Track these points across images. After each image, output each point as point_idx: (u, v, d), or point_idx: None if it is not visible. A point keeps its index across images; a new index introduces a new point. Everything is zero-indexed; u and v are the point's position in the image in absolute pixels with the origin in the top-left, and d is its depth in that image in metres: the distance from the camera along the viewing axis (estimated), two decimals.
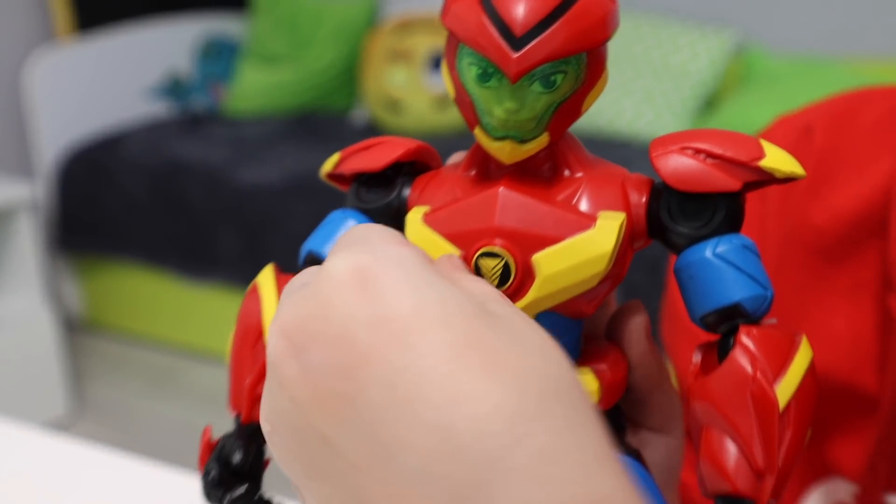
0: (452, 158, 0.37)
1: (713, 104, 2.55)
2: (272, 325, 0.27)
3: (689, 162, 0.33)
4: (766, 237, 0.54)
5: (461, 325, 0.25)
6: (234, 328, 0.37)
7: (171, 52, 2.87)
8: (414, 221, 0.34)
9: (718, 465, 0.31)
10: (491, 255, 0.33)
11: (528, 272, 0.33)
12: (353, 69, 2.84)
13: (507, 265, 0.33)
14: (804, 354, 0.32)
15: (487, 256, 0.33)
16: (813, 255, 0.52)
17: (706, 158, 0.33)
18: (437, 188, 0.36)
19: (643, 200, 0.34)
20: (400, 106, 2.64)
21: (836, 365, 0.51)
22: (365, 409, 0.24)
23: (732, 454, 0.31)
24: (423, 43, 2.65)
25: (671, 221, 0.34)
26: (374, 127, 2.69)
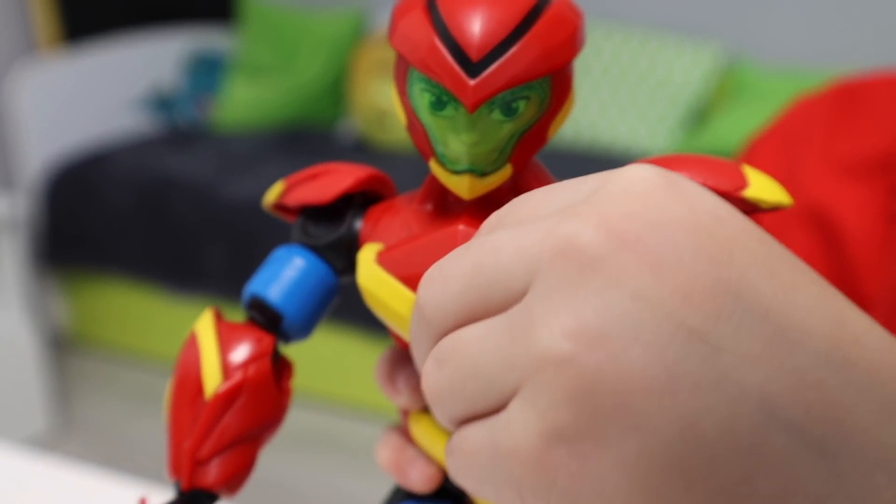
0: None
1: (704, 117, 2.54)
2: (556, 230, 0.23)
3: None
4: None
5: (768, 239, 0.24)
6: (170, 380, 0.34)
7: (156, 65, 2.84)
8: (366, 262, 0.31)
9: None
10: None
11: None
12: (340, 82, 2.82)
13: None
14: None
15: None
16: None
17: None
18: (390, 221, 0.33)
19: None
20: (388, 118, 2.61)
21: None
22: (749, 295, 0.22)
23: None
24: None
25: None
26: (362, 140, 2.67)
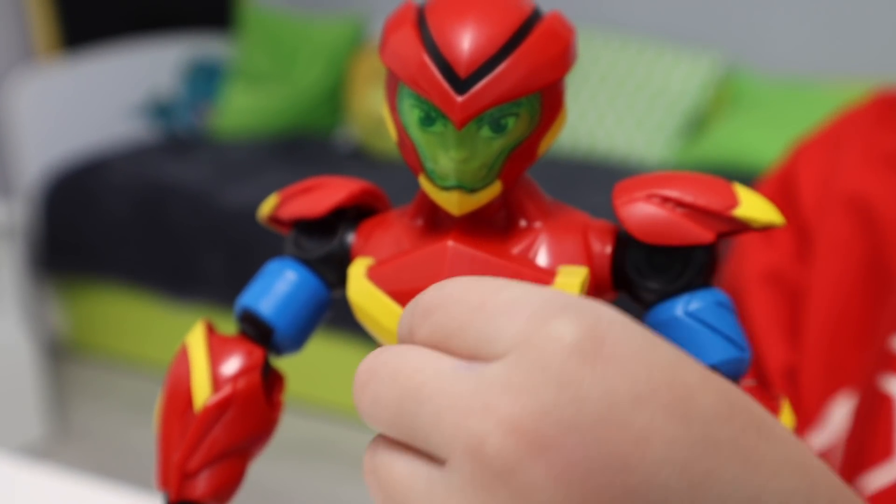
0: None
1: (701, 126, 2.54)
2: (469, 422, 0.22)
3: (656, 212, 0.30)
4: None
5: (717, 386, 0.24)
6: (161, 393, 0.34)
7: (154, 72, 2.84)
8: (357, 276, 0.31)
9: None
10: None
11: None
12: (338, 89, 2.82)
13: None
14: (786, 419, 0.30)
15: None
16: None
17: (675, 207, 0.30)
18: (382, 236, 0.33)
19: (607, 251, 0.31)
20: (386, 126, 2.61)
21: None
22: (659, 497, 0.22)
23: None
24: None
25: (638, 276, 0.31)
26: (359, 147, 2.67)
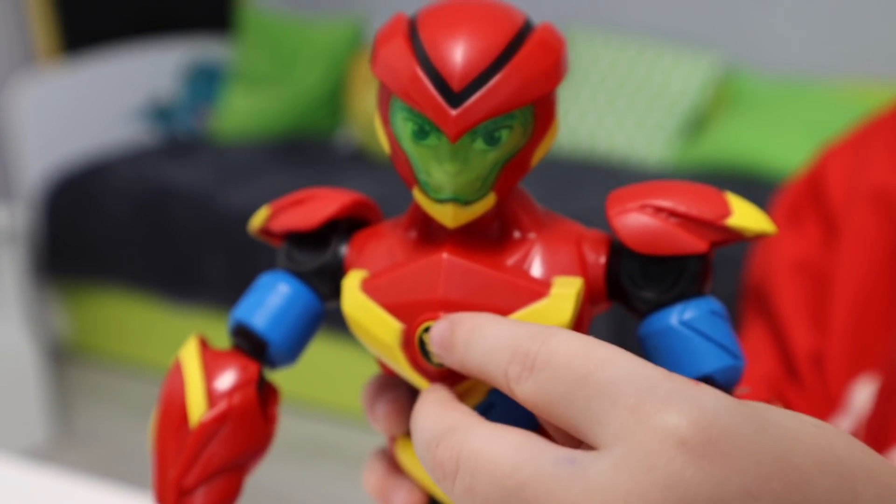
0: None
1: (701, 126, 2.54)
2: None
3: (649, 222, 0.30)
4: None
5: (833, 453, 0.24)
6: (156, 409, 0.34)
7: (155, 75, 2.84)
8: (351, 289, 0.31)
9: None
10: None
11: None
12: (338, 91, 2.82)
13: None
14: None
15: None
16: None
17: (668, 217, 0.30)
18: (375, 248, 0.33)
19: (601, 261, 0.31)
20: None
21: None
22: None
23: None
24: None
25: (633, 286, 0.31)
26: (360, 149, 2.67)
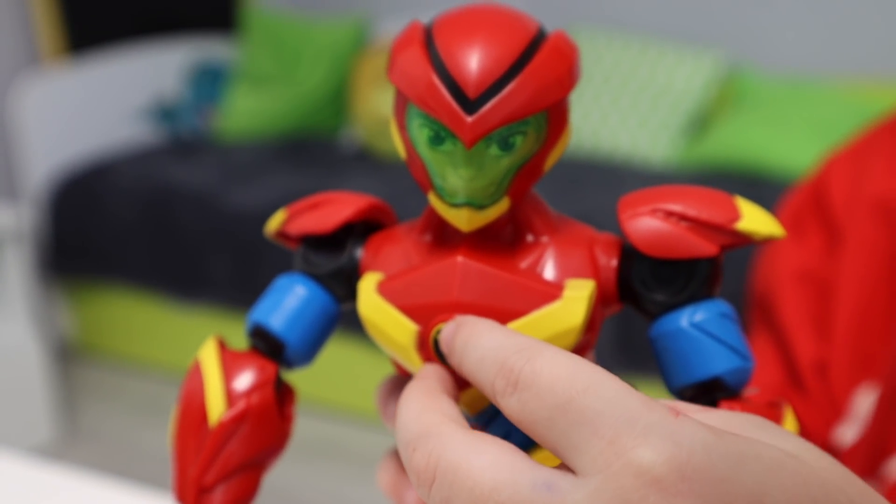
0: None
1: (705, 125, 2.54)
2: None
3: (660, 225, 0.31)
4: None
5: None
6: (175, 408, 0.35)
7: (159, 75, 2.85)
8: (367, 291, 0.32)
9: None
10: None
11: None
12: (342, 91, 2.83)
13: None
14: (790, 425, 0.31)
15: None
16: None
17: (679, 221, 0.31)
18: (391, 251, 0.33)
19: (613, 264, 0.32)
20: (390, 127, 2.61)
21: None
22: None
23: None
24: None
25: (644, 288, 0.32)
26: (364, 148, 2.67)
